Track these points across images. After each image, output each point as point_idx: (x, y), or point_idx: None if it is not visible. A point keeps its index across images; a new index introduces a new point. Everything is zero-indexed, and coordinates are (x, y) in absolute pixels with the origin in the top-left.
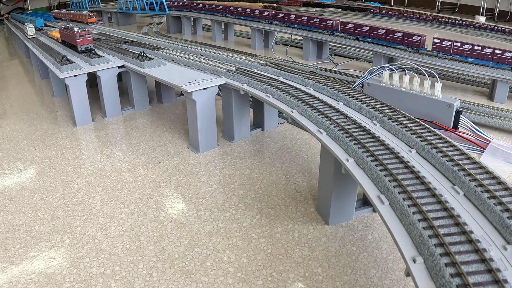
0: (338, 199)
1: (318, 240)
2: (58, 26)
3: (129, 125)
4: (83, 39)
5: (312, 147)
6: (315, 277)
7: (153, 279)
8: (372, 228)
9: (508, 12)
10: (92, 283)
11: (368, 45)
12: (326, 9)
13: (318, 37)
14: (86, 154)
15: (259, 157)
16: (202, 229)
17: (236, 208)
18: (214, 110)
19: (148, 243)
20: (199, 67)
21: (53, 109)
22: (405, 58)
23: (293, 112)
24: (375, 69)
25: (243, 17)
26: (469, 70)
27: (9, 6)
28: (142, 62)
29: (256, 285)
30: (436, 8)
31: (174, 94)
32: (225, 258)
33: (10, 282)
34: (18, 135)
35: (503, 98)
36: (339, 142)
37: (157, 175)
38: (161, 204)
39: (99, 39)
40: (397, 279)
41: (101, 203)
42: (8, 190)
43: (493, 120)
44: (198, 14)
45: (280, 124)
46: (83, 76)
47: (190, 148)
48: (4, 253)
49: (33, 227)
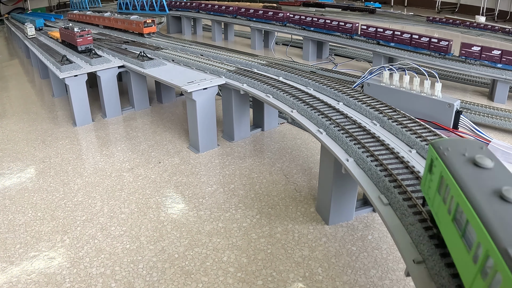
0: (338, 199)
1: (318, 240)
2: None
3: (129, 125)
4: (83, 39)
5: (312, 147)
6: (315, 277)
7: (153, 279)
8: (372, 228)
9: (508, 12)
10: (92, 283)
11: (392, 50)
12: (326, 9)
13: (335, 41)
14: (86, 154)
15: (259, 157)
16: (202, 229)
17: (236, 208)
18: (214, 110)
19: (148, 243)
20: (199, 67)
21: (53, 109)
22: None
23: (293, 112)
24: (375, 69)
25: (255, 19)
26: (469, 70)
27: (9, 6)
28: (142, 62)
29: (256, 285)
30: (436, 8)
31: (174, 94)
32: (225, 258)
33: (10, 282)
34: (18, 135)
35: (503, 98)
36: (339, 142)
37: (157, 175)
38: (161, 204)
39: (99, 39)
40: (397, 279)
41: (101, 203)
42: (8, 190)
43: (493, 120)
44: (198, 14)
45: (280, 124)
46: (83, 76)
47: (190, 148)
48: (4, 253)
49: (33, 227)
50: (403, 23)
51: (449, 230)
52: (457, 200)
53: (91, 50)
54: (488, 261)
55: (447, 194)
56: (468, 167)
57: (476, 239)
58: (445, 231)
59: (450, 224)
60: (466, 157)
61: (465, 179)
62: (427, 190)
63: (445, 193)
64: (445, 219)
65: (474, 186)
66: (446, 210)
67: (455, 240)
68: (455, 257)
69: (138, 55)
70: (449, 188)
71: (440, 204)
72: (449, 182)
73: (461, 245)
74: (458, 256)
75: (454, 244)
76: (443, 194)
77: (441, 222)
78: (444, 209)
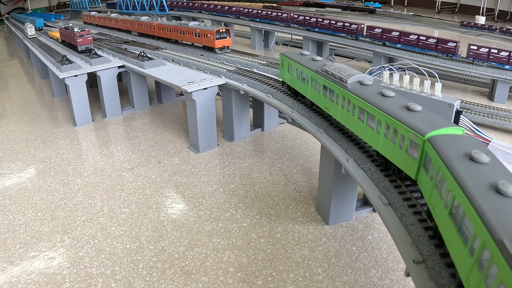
0: (338, 199)
1: (318, 240)
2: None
3: (129, 125)
4: (83, 39)
5: (312, 147)
6: (315, 277)
7: (153, 279)
8: (372, 228)
9: (508, 12)
10: (92, 283)
11: (398, 51)
12: (326, 9)
13: (340, 42)
14: (86, 154)
15: (259, 157)
16: (202, 229)
17: (236, 208)
18: (214, 110)
19: (148, 243)
20: (199, 67)
21: (53, 109)
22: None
23: (293, 112)
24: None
25: (258, 19)
26: (469, 70)
27: (9, 6)
28: (142, 62)
29: (256, 285)
30: (436, 8)
31: (174, 94)
32: (225, 258)
33: (10, 282)
34: (18, 135)
35: (503, 98)
36: (339, 142)
37: (157, 175)
38: (161, 204)
39: (99, 39)
40: (397, 279)
41: (101, 203)
42: (8, 190)
43: (493, 120)
44: (200, 14)
45: (280, 124)
46: (83, 76)
47: (190, 148)
48: (4, 253)
49: (33, 227)
50: (403, 23)
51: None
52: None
53: (91, 50)
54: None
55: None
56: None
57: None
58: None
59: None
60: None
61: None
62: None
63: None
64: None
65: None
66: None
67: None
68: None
69: (138, 55)
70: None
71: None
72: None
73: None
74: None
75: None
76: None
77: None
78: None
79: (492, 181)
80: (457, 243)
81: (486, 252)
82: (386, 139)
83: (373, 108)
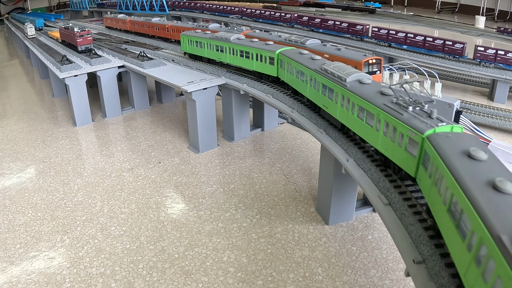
0: (338, 199)
1: (318, 240)
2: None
3: (129, 125)
4: (83, 39)
5: (312, 147)
6: (315, 277)
7: (153, 279)
8: (372, 228)
9: (508, 12)
10: (92, 283)
11: (404, 52)
12: (326, 9)
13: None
14: (86, 154)
15: (259, 157)
16: (202, 229)
17: (236, 208)
18: (214, 110)
19: (148, 243)
20: (199, 67)
21: (53, 109)
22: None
23: (293, 112)
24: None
25: (261, 20)
26: (469, 70)
27: (9, 6)
28: (142, 62)
29: (256, 285)
30: (436, 8)
31: (174, 94)
32: (225, 258)
33: (10, 282)
34: (18, 135)
35: (503, 98)
36: (339, 142)
37: (157, 175)
38: (161, 204)
39: (99, 39)
40: (397, 279)
41: (101, 203)
42: (8, 190)
43: (493, 120)
44: (201, 14)
45: (280, 124)
46: (83, 76)
47: (190, 148)
48: (4, 253)
49: (33, 227)
50: (403, 23)
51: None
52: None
53: (91, 50)
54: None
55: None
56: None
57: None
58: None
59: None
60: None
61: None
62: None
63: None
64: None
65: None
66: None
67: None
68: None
69: (138, 55)
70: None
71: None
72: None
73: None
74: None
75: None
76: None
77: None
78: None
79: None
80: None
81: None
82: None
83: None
